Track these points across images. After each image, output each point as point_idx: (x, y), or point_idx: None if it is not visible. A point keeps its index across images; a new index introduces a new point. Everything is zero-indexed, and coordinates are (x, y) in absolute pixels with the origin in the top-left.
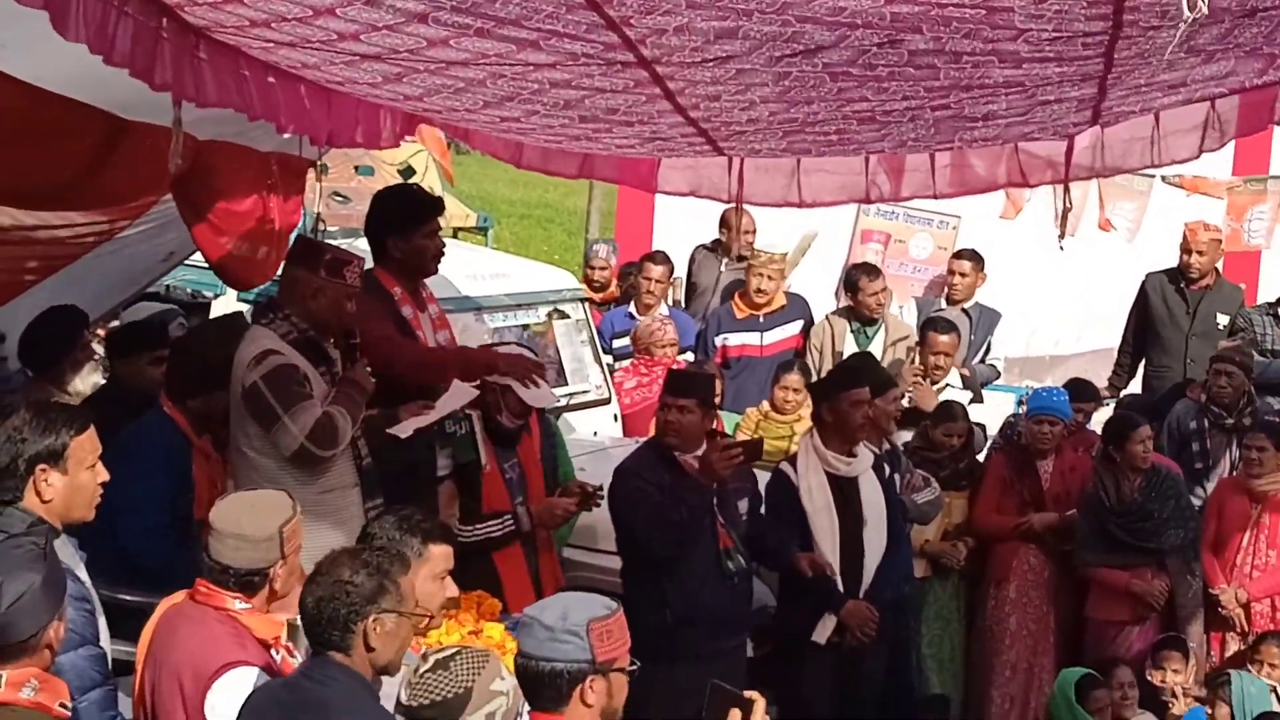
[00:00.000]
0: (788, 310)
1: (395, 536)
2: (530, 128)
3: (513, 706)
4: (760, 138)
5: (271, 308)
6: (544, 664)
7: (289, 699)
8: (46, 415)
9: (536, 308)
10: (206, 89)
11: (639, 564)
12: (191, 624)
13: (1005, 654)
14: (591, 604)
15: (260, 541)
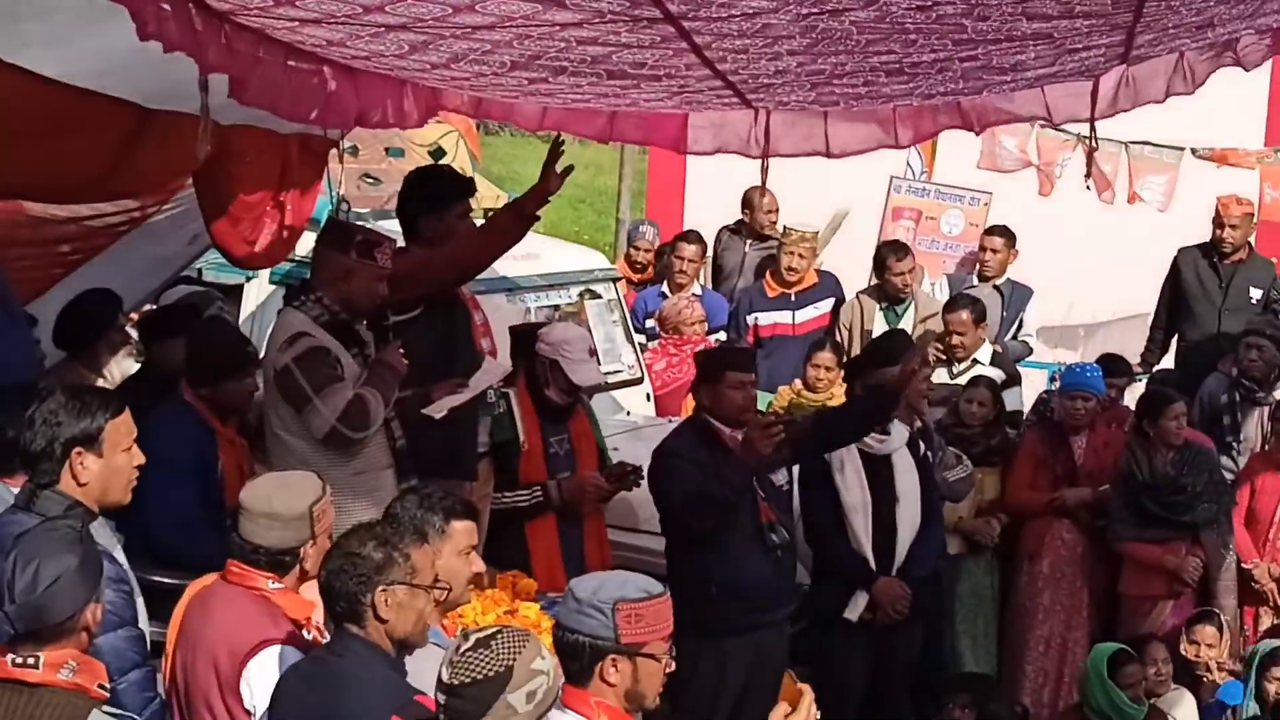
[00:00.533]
0: (819, 288)
1: (417, 514)
2: (557, 87)
3: (553, 686)
4: (788, 89)
5: (303, 290)
6: (569, 635)
7: (311, 671)
8: (81, 398)
9: (568, 288)
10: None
11: (681, 541)
12: (225, 603)
13: (1038, 629)
14: (629, 585)
15: (291, 520)
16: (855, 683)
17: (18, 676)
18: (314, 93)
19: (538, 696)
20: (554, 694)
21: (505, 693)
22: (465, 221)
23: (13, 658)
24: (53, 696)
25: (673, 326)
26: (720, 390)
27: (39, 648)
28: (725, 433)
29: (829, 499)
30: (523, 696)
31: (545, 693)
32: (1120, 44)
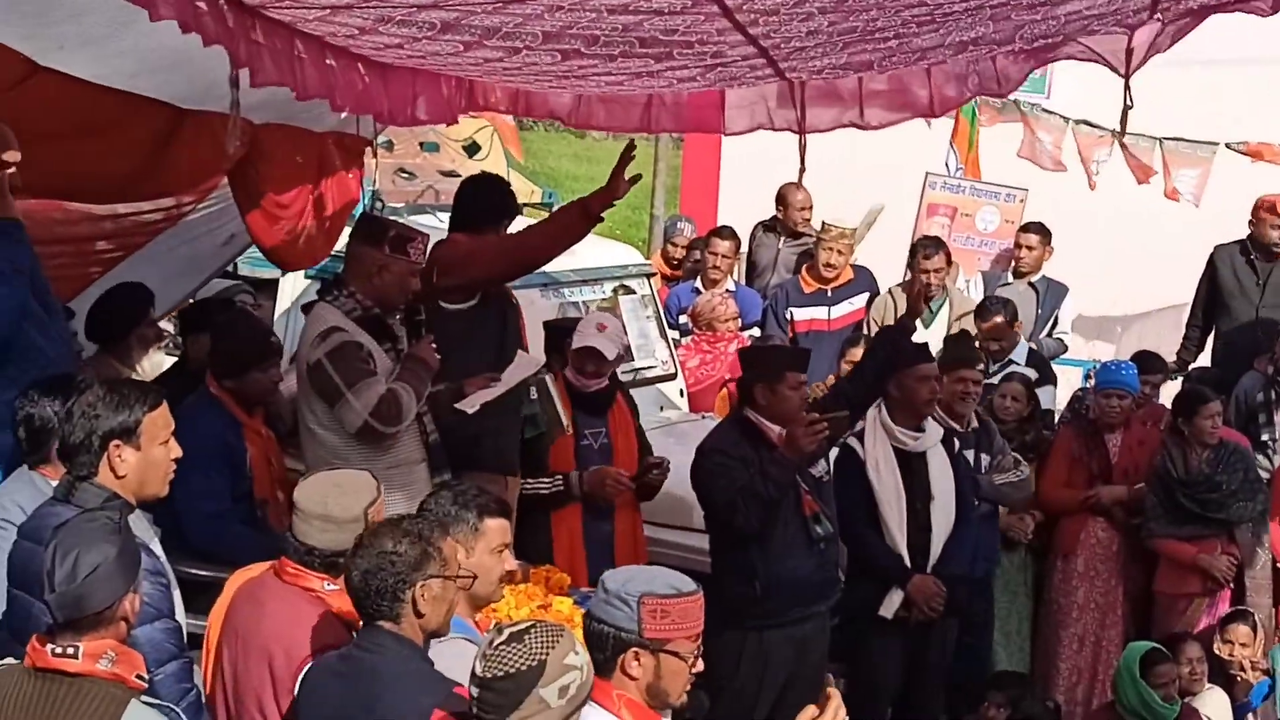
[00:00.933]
0: (855, 284)
1: (451, 511)
2: (589, 65)
3: (587, 681)
4: (821, 52)
5: (336, 285)
6: (596, 624)
7: (344, 669)
8: (120, 391)
9: (602, 283)
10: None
11: (726, 535)
12: (279, 603)
13: (1072, 627)
14: (658, 580)
15: (346, 524)
16: (889, 681)
17: (58, 666)
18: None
19: (570, 691)
20: (587, 689)
21: (538, 687)
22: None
23: (52, 648)
24: (92, 686)
25: (706, 323)
26: (779, 390)
27: (78, 638)
28: (771, 430)
29: (863, 496)
30: (555, 691)
31: (578, 688)
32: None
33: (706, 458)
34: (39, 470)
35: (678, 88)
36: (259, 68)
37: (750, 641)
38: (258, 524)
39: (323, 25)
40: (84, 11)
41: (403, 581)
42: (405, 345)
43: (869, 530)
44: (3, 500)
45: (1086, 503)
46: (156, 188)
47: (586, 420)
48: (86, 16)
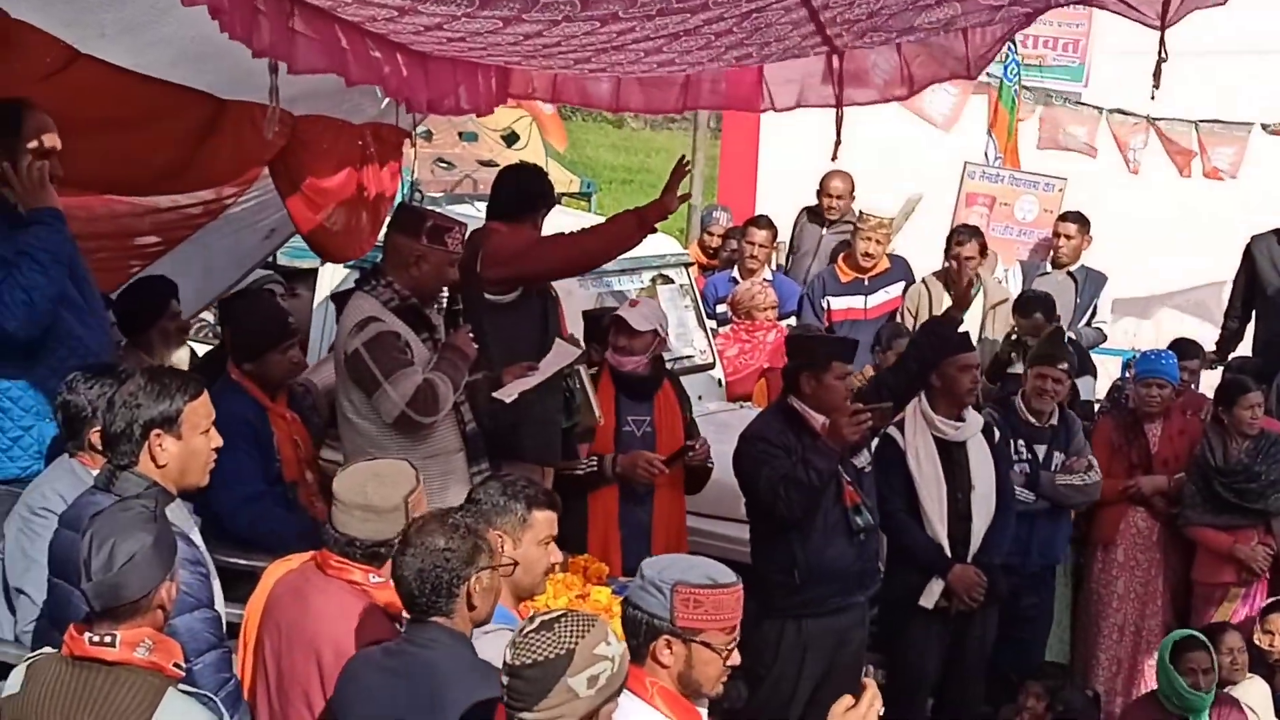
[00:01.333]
0: (891, 273)
1: (500, 501)
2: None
3: (619, 672)
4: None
5: (374, 275)
6: (631, 610)
7: (394, 665)
8: (161, 381)
9: (640, 273)
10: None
11: (767, 525)
12: (325, 597)
13: (1112, 616)
14: (695, 569)
15: (387, 513)
16: (928, 670)
17: (96, 655)
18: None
19: (600, 682)
20: (620, 681)
21: (565, 676)
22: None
23: (90, 636)
24: (130, 675)
25: (745, 311)
26: (825, 379)
27: (115, 626)
28: (814, 419)
29: (903, 486)
30: (584, 680)
31: (609, 679)
32: None
33: (750, 445)
34: (78, 458)
35: (715, 45)
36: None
37: (789, 631)
38: (294, 507)
39: (362, 9)
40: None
41: (457, 577)
42: (442, 335)
43: (909, 520)
44: (43, 489)
45: (1126, 492)
46: (197, 179)
47: (630, 406)
48: (127, 4)
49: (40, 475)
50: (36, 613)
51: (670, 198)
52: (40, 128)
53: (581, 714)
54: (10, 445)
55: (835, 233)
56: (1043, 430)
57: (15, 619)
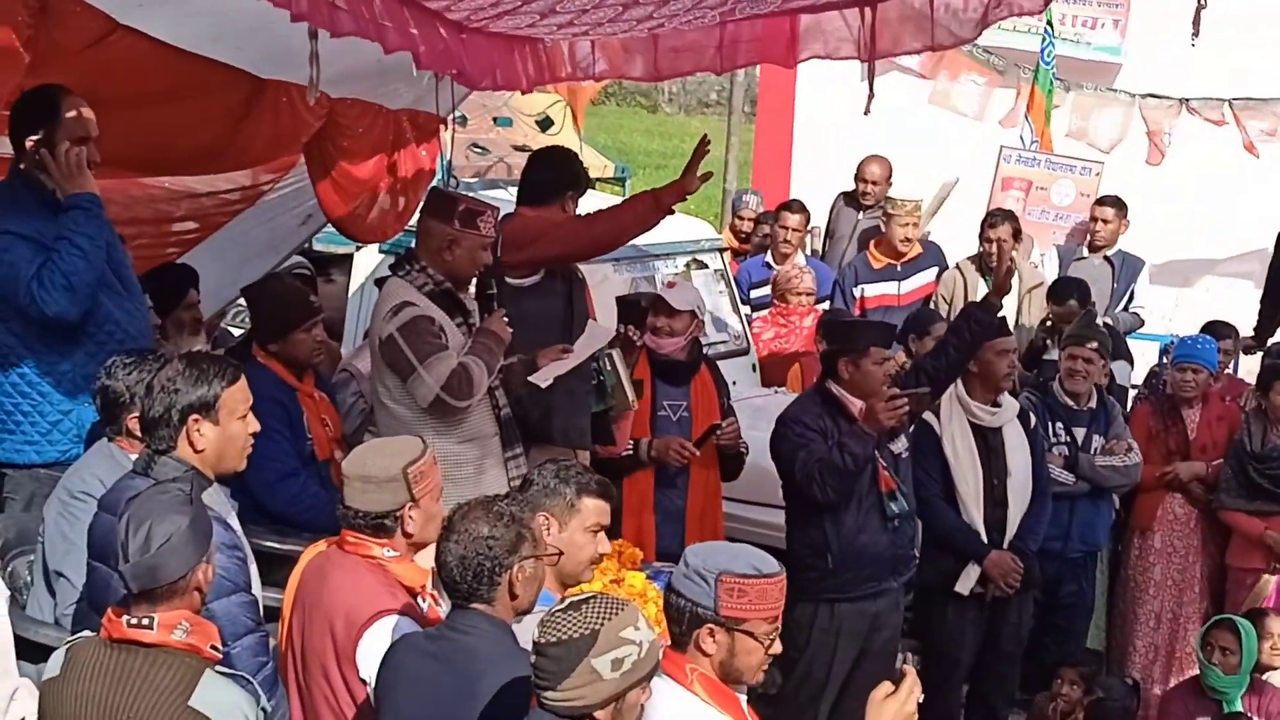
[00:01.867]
0: (924, 258)
1: (551, 484)
2: None
3: (646, 659)
4: None
5: (408, 260)
6: (674, 598)
7: (435, 650)
8: (199, 366)
9: (675, 258)
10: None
11: (802, 508)
12: (342, 571)
13: (1149, 603)
14: (740, 558)
15: (385, 483)
16: (964, 656)
17: (134, 637)
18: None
19: (625, 665)
20: (647, 667)
21: (589, 656)
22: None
23: (128, 619)
24: (167, 657)
25: (780, 294)
26: (863, 365)
27: (153, 609)
28: (852, 404)
29: (939, 471)
30: (608, 662)
31: (634, 664)
32: None
33: (787, 428)
34: (117, 443)
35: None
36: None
37: (822, 614)
38: (327, 485)
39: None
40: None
41: (499, 565)
42: (477, 319)
43: (945, 505)
44: (82, 473)
45: (1164, 479)
46: (233, 160)
47: (667, 391)
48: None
49: (79, 459)
50: (76, 596)
51: (690, 179)
52: (77, 114)
53: (604, 696)
54: (49, 429)
55: (871, 218)
56: (1081, 413)
57: (55, 602)
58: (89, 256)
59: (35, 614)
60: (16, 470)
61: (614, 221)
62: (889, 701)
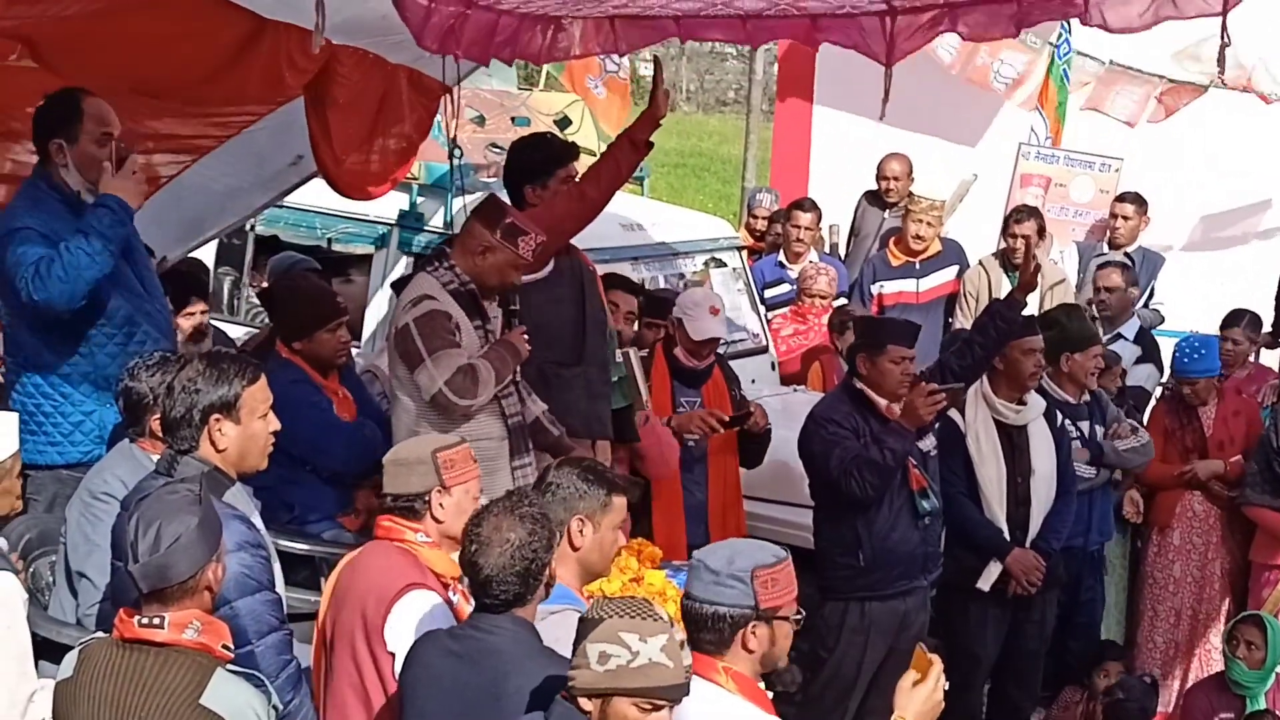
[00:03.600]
0: (943, 256)
1: (581, 487)
2: None
3: (636, 670)
4: None
5: (439, 256)
6: (708, 607)
7: (460, 649)
8: (219, 365)
9: (693, 256)
10: None
11: (833, 507)
12: (373, 557)
13: (1169, 600)
14: (759, 551)
15: (415, 465)
16: (987, 653)
17: (145, 637)
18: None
19: (608, 663)
20: (638, 682)
21: (586, 640)
22: (568, 186)
23: (139, 619)
24: (179, 656)
25: (805, 291)
26: (880, 362)
27: (164, 608)
28: (879, 401)
29: (963, 468)
30: (596, 652)
31: (619, 667)
32: None
33: (819, 427)
34: (139, 444)
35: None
36: None
37: (852, 613)
38: None
39: None
40: None
41: (541, 564)
42: (495, 327)
43: (968, 502)
44: (104, 474)
45: (1182, 478)
46: (226, 93)
47: (683, 390)
48: None
49: (101, 460)
50: (98, 596)
51: (657, 104)
52: (99, 114)
53: (587, 685)
54: (71, 430)
55: (895, 215)
56: (1079, 407)
57: (77, 602)
58: (97, 257)
59: (58, 614)
60: (39, 471)
61: (597, 184)
62: (918, 689)
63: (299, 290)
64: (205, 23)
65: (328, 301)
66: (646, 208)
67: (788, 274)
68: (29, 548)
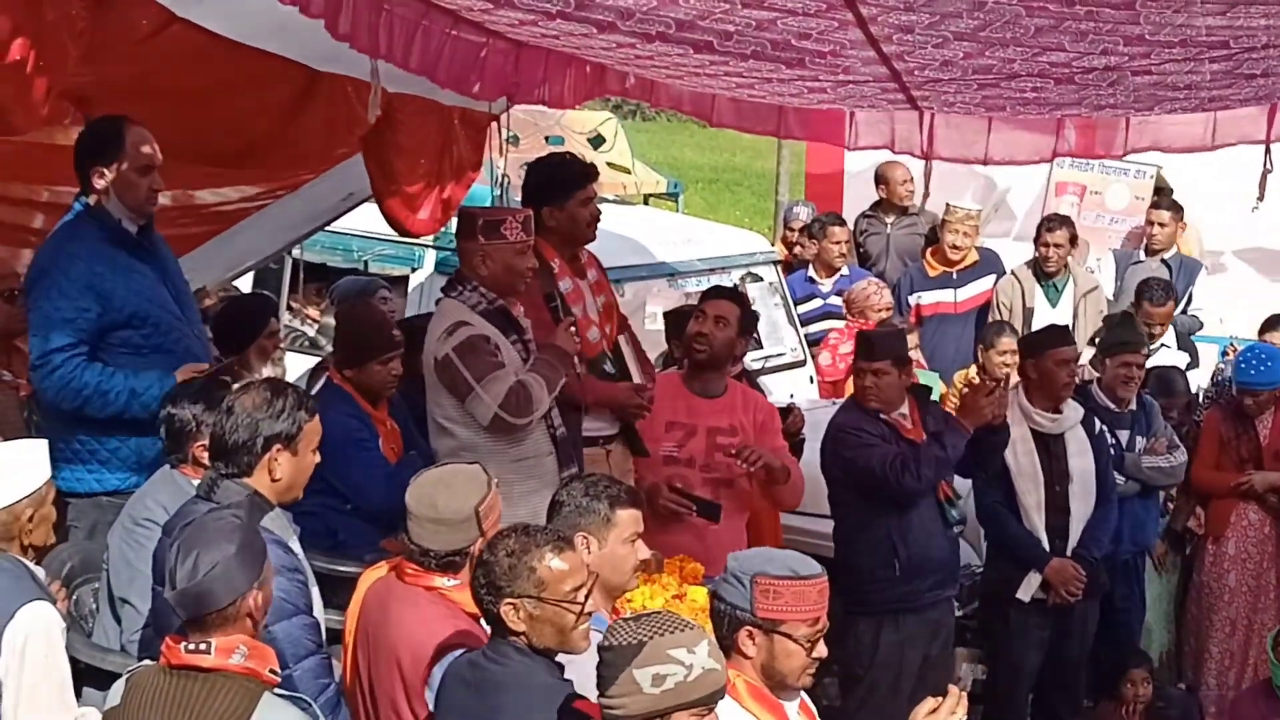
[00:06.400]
0: (980, 266)
1: (583, 503)
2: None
3: (693, 682)
4: (955, 89)
5: (459, 281)
6: (716, 603)
7: (470, 677)
8: (284, 396)
9: (730, 271)
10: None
11: (864, 517)
12: (404, 605)
13: (1224, 610)
14: (775, 561)
15: (458, 524)
16: (1029, 663)
17: (192, 663)
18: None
19: (666, 683)
20: (697, 693)
21: (631, 666)
22: (587, 209)
23: (186, 645)
24: (226, 682)
25: (859, 310)
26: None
27: (209, 635)
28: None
29: (1000, 478)
30: (649, 676)
31: (678, 684)
32: None
33: (846, 434)
34: (180, 470)
35: (806, 99)
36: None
37: (887, 628)
38: None
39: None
40: None
41: (493, 593)
42: (531, 337)
43: (1007, 512)
44: (146, 500)
45: (1238, 489)
46: (289, 153)
47: None
48: None
49: (143, 486)
50: (141, 622)
51: None
52: (141, 142)
53: (643, 710)
54: (109, 457)
55: (902, 227)
56: (1123, 415)
57: (121, 628)
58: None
59: (101, 641)
60: (79, 499)
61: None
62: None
63: (358, 318)
64: (260, 76)
65: (384, 333)
66: (682, 224)
67: (819, 289)
68: (71, 575)
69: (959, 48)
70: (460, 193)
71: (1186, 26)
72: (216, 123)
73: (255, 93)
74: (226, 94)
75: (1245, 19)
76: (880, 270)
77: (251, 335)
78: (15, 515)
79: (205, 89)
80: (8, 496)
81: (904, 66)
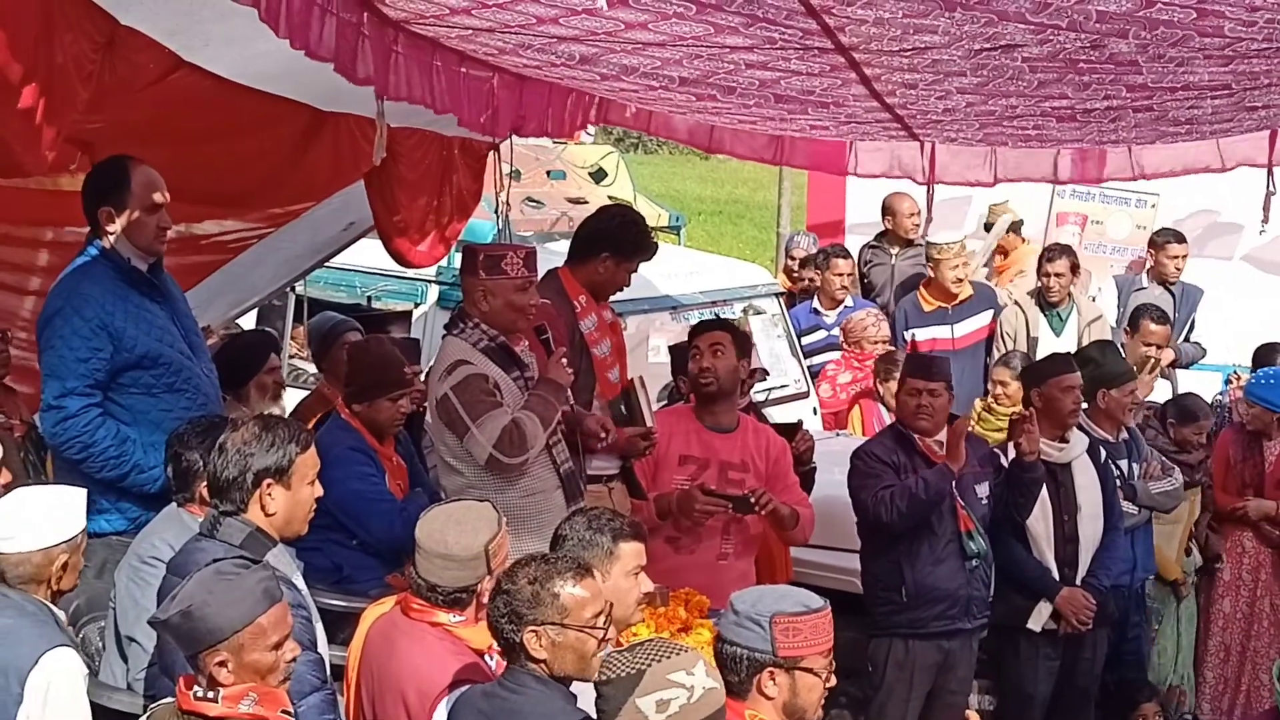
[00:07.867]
0: (975, 301)
1: (586, 536)
2: (725, 106)
3: (698, 703)
4: (956, 128)
5: (462, 318)
6: (728, 647)
7: (485, 707)
8: (275, 431)
9: (732, 304)
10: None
11: (876, 543)
12: (409, 640)
13: (1218, 636)
14: (787, 598)
15: (467, 561)
16: (1039, 692)
17: (199, 710)
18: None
19: (670, 708)
20: (701, 714)
21: (634, 696)
22: (632, 274)
23: (195, 690)
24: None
25: (855, 340)
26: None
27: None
28: (919, 440)
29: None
30: (652, 704)
31: (683, 708)
32: None
33: (860, 460)
34: (186, 508)
35: (811, 134)
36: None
37: (896, 649)
38: None
39: (464, 44)
40: (231, 13)
41: (515, 622)
42: (535, 373)
43: (1015, 543)
44: (152, 538)
45: (1235, 513)
46: (295, 191)
47: None
48: (233, 17)
49: (149, 525)
50: (148, 659)
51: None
52: (148, 182)
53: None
54: (118, 497)
55: (908, 258)
56: (1118, 445)
57: (127, 666)
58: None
59: (108, 680)
60: (89, 538)
61: None
62: None
63: (370, 354)
64: (265, 117)
65: (394, 370)
66: (684, 256)
67: (823, 320)
68: (78, 614)
69: (962, 99)
70: (461, 224)
71: (1189, 73)
72: (222, 164)
73: (260, 134)
74: (232, 136)
75: (1247, 66)
76: (884, 301)
77: (251, 371)
78: (51, 559)
79: (210, 131)
80: (47, 540)
81: (907, 113)
